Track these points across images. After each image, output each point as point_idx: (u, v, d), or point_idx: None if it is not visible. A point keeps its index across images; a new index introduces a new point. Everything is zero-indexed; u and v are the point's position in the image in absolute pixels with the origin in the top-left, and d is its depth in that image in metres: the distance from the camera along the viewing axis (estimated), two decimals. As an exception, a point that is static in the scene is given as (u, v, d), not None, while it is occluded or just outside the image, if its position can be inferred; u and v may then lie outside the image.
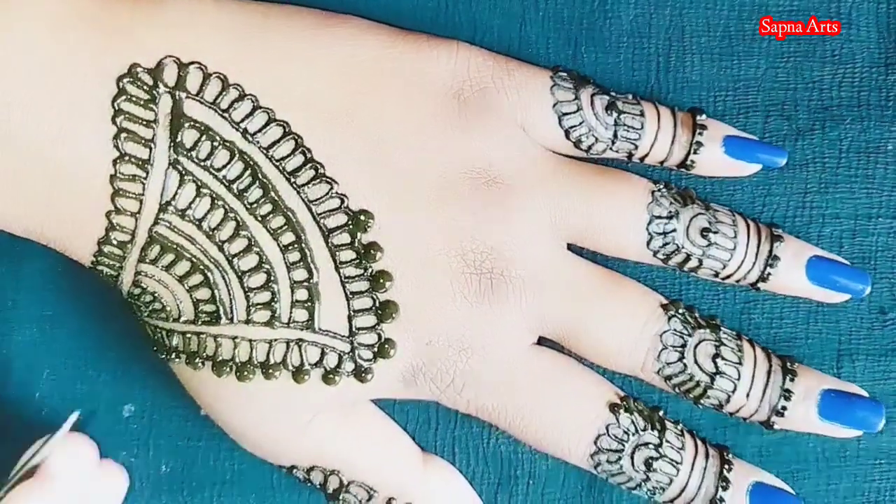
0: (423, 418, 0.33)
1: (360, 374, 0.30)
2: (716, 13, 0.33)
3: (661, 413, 0.31)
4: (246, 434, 0.31)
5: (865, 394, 0.31)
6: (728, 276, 0.31)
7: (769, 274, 0.31)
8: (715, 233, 0.31)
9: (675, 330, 0.31)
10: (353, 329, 0.29)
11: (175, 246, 0.29)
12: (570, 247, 0.31)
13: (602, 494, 0.33)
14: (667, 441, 0.31)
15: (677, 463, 0.31)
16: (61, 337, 0.34)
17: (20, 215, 0.29)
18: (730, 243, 0.31)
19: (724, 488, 0.31)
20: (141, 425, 0.34)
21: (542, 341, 0.31)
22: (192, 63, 0.29)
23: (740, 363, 0.31)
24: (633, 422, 0.31)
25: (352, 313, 0.29)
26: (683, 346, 0.31)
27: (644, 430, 0.31)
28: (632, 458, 0.31)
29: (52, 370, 0.34)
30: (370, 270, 0.29)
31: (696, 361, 0.31)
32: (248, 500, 0.33)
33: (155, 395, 0.33)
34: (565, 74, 0.31)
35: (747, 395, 0.31)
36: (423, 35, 0.31)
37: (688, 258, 0.31)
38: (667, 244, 0.31)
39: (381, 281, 0.29)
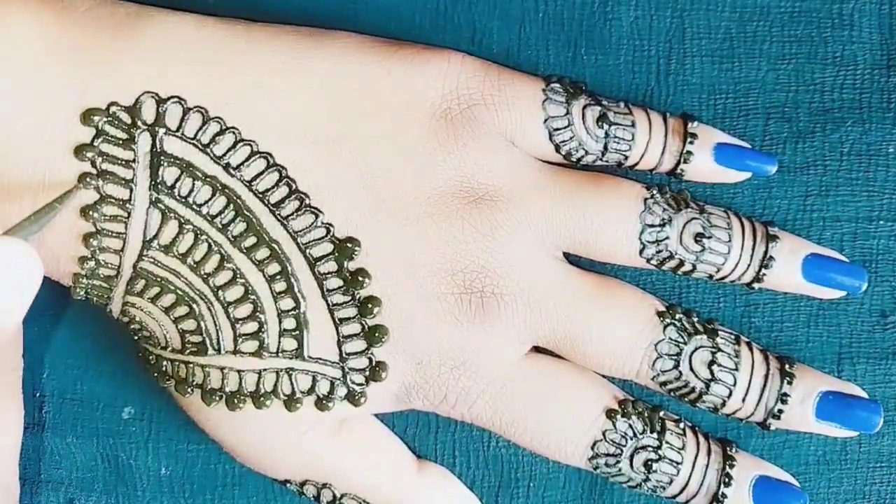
0: (422, 422, 0.33)
1: (353, 398, 0.30)
2: (716, 15, 0.33)
3: (661, 413, 0.31)
4: (238, 449, 0.31)
5: (864, 394, 0.31)
6: (724, 277, 0.31)
7: (764, 274, 0.31)
8: (709, 237, 0.31)
9: (670, 338, 0.31)
10: (344, 355, 0.29)
11: (160, 280, 0.29)
12: (567, 253, 0.31)
13: (603, 497, 0.33)
14: (667, 442, 0.31)
15: (677, 463, 0.31)
16: (62, 337, 0.34)
17: None
18: (724, 247, 0.31)
19: (727, 484, 0.31)
20: (141, 427, 0.34)
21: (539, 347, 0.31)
22: (171, 98, 0.28)
23: (736, 369, 0.31)
24: (630, 426, 0.31)
25: (341, 339, 0.29)
26: (679, 353, 0.31)
27: (643, 433, 0.31)
28: (630, 461, 0.31)
29: (52, 370, 0.34)
30: (358, 297, 0.29)
31: (691, 369, 0.31)
32: (249, 503, 0.34)
33: (155, 398, 0.33)
34: (558, 86, 0.31)
35: (743, 400, 0.31)
36: (414, 49, 0.30)
37: (681, 263, 0.31)
38: (660, 251, 0.31)
39: (370, 306, 0.29)
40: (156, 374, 0.31)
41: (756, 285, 0.31)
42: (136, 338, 0.31)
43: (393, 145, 0.29)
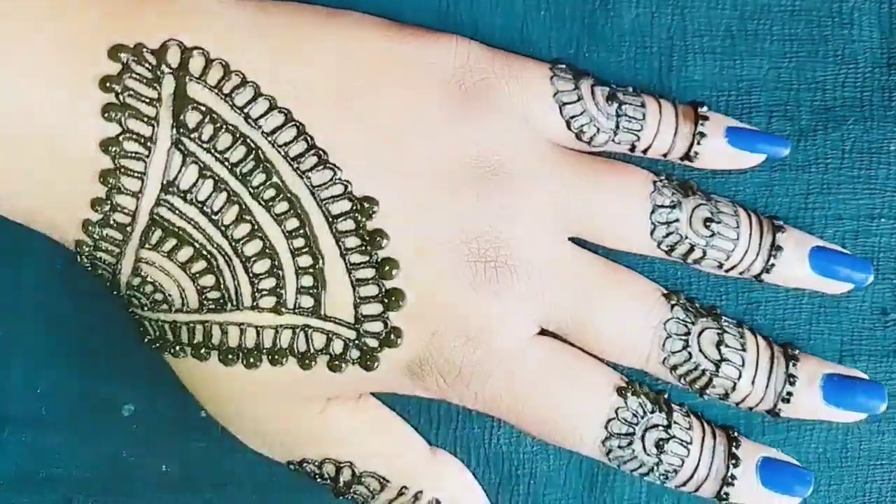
0: (424, 418, 0.33)
1: (365, 361, 0.30)
2: (718, 12, 0.33)
3: (665, 395, 0.32)
4: (254, 430, 0.31)
5: (866, 376, 0.31)
6: (732, 268, 0.31)
7: (773, 265, 0.31)
8: (718, 223, 0.31)
9: (678, 318, 0.31)
10: (359, 317, 0.29)
11: (177, 230, 0.29)
12: (573, 240, 0.31)
13: (603, 494, 0.33)
14: (675, 422, 0.31)
15: (687, 443, 0.31)
16: (62, 335, 0.34)
17: (16, 193, 0.29)
18: (732, 233, 0.31)
19: (735, 465, 0.31)
20: (141, 425, 0.34)
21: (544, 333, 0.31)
22: (195, 48, 0.29)
23: (744, 349, 0.31)
24: (641, 404, 0.31)
25: (358, 300, 0.29)
26: (687, 334, 0.31)
27: (653, 412, 0.31)
28: (643, 441, 0.31)
29: (52, 368, 0.34)
30: (376, 257, 0.29)
31: (700, 349, 0.31)
32: (249, 501, 0.33)
33: (155, 395, 0.33)
34: (564, 66, 0.31)
35: (752, 382, 0.31)
36: (423, 28, 0.31)
37: (692, 249, 0.31)
38: (670, 234, 0.31)
39: (388, 268, 0.29)
40: (167, 350, 0.30)
41: (765, 277, 0.31)
42: (146, 307, 0.30)
43: (408, 110, 0.29)
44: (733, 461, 0.31)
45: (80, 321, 0.34)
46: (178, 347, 0.30)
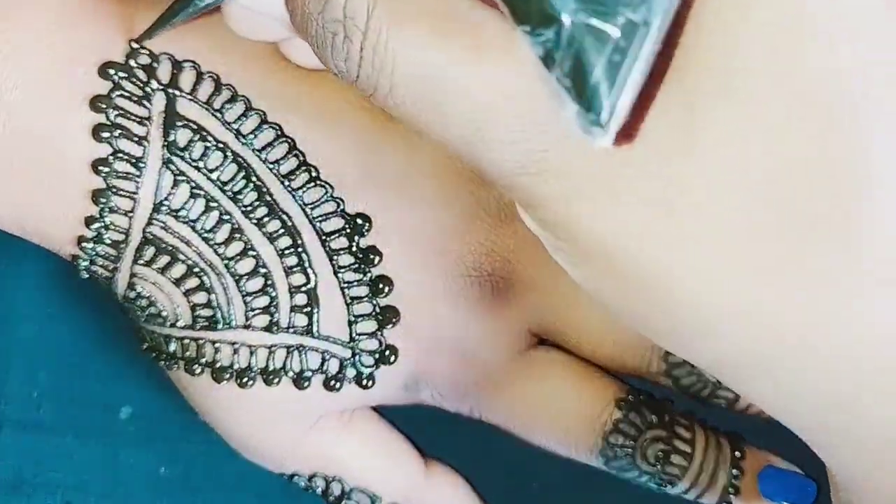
0: (423, 422, 0.33)
1: (361, 380, 0.29)
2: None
3: (668, 405, 0.31)
4: (245, 442, 0.31)
5: None
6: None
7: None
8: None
9: None
10: (354, 335, 0.29)
11: (170, 248, 0.29)
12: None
13: (609, 496, 0.33)
14: (677, 434, 0.31)
15: (688, 455, 0.31)
16: (60, 336, 0.33)
17: (10, 208, 0.29)
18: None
19: (736, 477, 0.31)
20: (139, 427, 0.33)
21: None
22: (186, 61, 0.28)
23: None
24: (642, 416, 0.31)
25: (352, 318, 0.29)
26: None
27: (654, 424, 0.31)
28: (643, 452, 0.30)
29: (50, 370, 0.33)
30: (369, 275, 0.29)
31: None
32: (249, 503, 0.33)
33: (153, 397, 0.33)
34: None
35: None
36: None
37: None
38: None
39: (381, 286, 0.29)
40: (162, 360, 0.30)
41: None
42: (142, 318, 0.30)
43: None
44: (734, 471, 0.31)
45: (78, 322, 0.33)
46: (171, 360, 0.30)
